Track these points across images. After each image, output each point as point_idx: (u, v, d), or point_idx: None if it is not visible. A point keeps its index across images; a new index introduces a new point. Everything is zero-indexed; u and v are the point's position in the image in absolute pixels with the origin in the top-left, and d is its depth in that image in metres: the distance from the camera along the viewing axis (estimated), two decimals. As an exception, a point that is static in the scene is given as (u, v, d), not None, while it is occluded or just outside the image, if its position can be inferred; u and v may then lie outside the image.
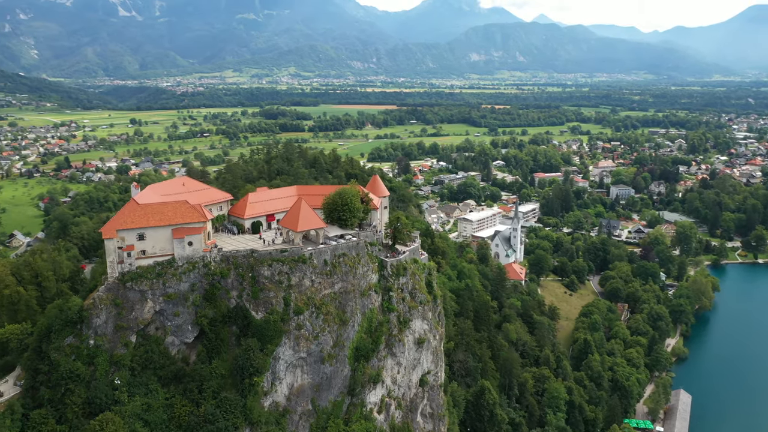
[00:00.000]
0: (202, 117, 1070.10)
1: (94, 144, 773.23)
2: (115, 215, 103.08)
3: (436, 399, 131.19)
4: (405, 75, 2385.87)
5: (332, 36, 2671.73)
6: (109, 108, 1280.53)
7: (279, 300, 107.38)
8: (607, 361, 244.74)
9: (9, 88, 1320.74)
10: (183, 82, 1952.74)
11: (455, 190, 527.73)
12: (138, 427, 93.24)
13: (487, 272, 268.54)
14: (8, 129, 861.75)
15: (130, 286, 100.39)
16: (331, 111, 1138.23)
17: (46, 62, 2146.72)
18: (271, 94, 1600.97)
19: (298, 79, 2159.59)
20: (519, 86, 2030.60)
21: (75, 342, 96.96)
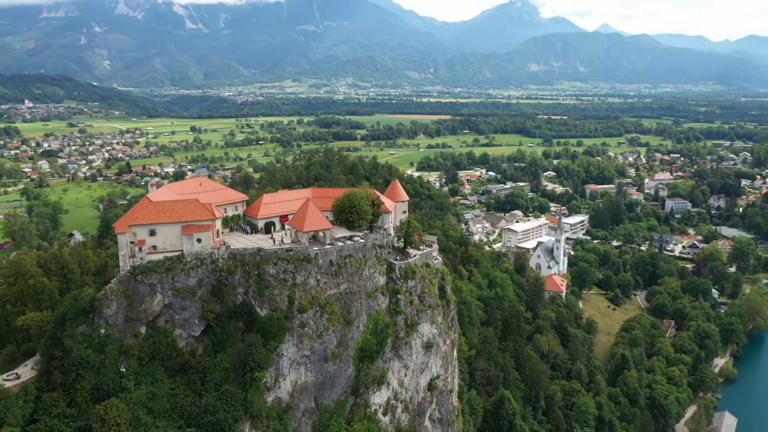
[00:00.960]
0: (259, 125, 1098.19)
1: (155, 150, 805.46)
2: (128, 211, 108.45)
3: (446, 404, 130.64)
4: (462, 85, 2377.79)
5: (390, 46, 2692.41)
6: (172, 116, 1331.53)
7: (283, 298, 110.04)
8: (645, 378, 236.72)
9: (82, 97, 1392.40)
10: (244, 91, 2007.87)
11: (502, 200, 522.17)
12: (141, 414, 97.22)
13: (522, 282, 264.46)
14: (78, 135, 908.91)
15: (141, 280, 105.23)
16: (385, 120, 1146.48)
17: (118, 72, 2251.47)
18: (327, 103, 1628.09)
19: (355, 89, 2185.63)
20: (578, 97, 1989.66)
21: (87, 330, 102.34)
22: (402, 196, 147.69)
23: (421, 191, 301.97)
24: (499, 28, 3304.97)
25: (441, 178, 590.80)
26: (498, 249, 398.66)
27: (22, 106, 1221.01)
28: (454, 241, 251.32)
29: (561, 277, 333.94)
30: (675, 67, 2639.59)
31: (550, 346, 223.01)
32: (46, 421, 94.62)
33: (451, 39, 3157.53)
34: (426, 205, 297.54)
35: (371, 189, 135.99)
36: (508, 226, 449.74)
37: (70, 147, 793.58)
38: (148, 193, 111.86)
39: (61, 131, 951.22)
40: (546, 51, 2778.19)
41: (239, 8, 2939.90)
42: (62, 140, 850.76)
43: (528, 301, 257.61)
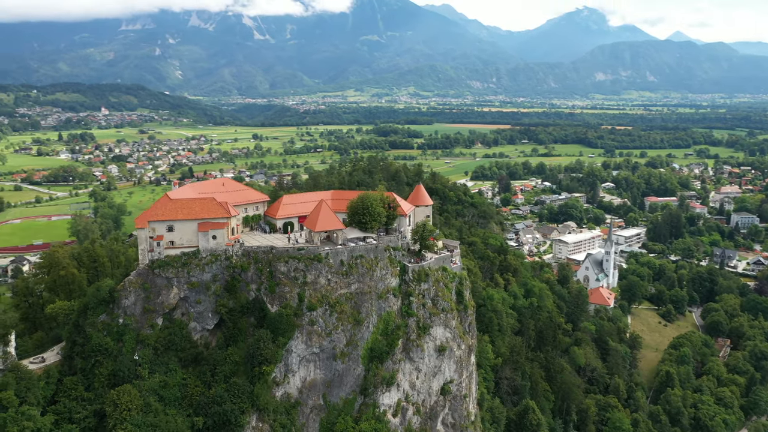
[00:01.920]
0: (318, 134, 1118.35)
1: (218, 156, 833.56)
2: (149, 208, 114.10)
3: (459, 410, 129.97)
4: (525, 95, 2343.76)
5: (452, 56, 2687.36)
6: (237, 124, 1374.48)
7: (293, 295, 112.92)
8: (690, 397, 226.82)
9: (153, 105, 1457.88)
10: (307, 100, 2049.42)
11: (555, 210, 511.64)
12: (152, 401, 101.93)
13: (564, 294, 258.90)
14: (147, 141, 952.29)
15: (158, 273, 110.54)
16: (444, 130, 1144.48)
17: (189, 82, 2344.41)
18: (388, 112, 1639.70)
19: (416, 98, 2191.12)
20: (647, 107, 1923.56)
21: (107, 320, 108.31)
22: (425, 200, 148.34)
23: (465, 199, 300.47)
24: (565, 36, 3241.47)
25: (494, 187, 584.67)
26: (548, 260, 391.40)
27: (99, 113, 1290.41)
28: (493, 250, 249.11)
29: (609, 290, 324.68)
30: (753, 76, 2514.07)
31: (588, 360, 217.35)
32: (65, 403, 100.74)
33: (515, 48, 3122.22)
34: (469, 213, 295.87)
35: (389, 192, 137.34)
36: (560, 237, 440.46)
37: (139, 152, 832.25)
38: (168, 191, 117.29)
39: (132, 137, 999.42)
40: (614, 60, 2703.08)
41: (305, 19, 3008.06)
42: (132, 146, 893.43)
43: (569, 312, 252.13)
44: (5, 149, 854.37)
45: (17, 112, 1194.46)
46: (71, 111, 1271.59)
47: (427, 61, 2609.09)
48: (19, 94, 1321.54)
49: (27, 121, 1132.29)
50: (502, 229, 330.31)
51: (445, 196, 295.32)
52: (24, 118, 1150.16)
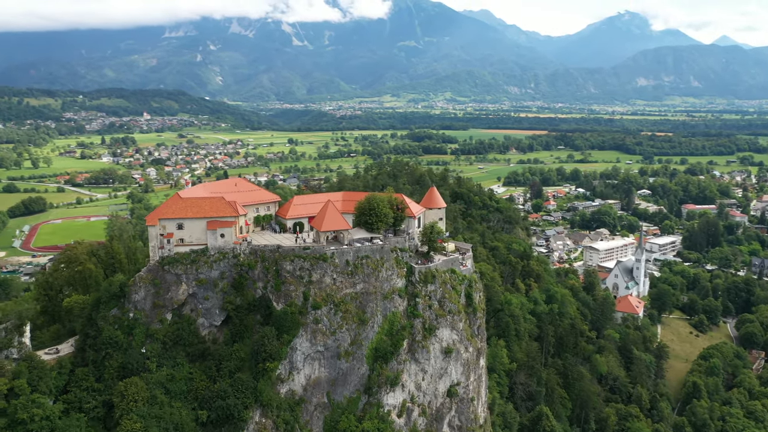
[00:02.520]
0: (353, 138, 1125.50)
1: (253, 160, 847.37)
2: (160, 206, 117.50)
3: (466, 412, 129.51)
4: (564, 101, 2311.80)
5: (490, 61, 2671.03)
6: (274, 129, 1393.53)
7: (298, 294, 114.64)
8: (718, 409, 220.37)
9: (193, 110, 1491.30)
10: (344, 106, 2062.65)
11: (588, 217, 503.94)
12: (158, 393, 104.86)
13: (588, 301, 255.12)
14: (186, 145, 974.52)
15: (168, 269, 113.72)
16: (479, 135, 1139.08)
17: (228, 88, 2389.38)
18: (424, 117, 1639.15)
19: (453, 104, 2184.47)
20: (689, 113, 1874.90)
21: (118, 314, 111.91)
22: (438, 203, 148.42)
23: (490, 204, 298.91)
24: (606, 41, 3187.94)
25: (525, 193, 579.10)
26: (578, 267, 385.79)
27: (141, 118, 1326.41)
28: (516, 255, 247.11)
29: (639, 298, 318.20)
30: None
31: (610, 368, 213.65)
32: (76, 393, 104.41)
33: (554, 53, 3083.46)
34: (494, 217, 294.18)
35: (398, 194, 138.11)
36: (591, 244, 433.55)
37: (177, 156, 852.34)
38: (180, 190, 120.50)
39: (172, 141, 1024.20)
40: (656, 65, 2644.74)
41: (343, 25, 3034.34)
42: (171, 150, 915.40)
43: (594, 320, 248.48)
44: (51, 152, 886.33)
45: (64, 116, 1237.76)
46: (115, 116, 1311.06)
47: (465, 67, 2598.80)
48: (66, 99, 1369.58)
49: (73, 125, 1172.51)
50: (528, 234, 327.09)
51: (470, 200, 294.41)
52: (70, 123, 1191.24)
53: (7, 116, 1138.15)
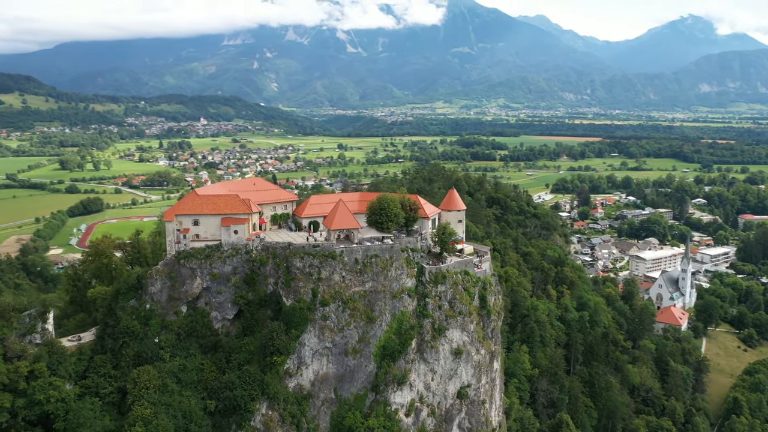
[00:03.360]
0: (402, 144, 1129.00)
1: (302, 165, 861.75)
2: (177, 202, 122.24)
3: (477, 415, 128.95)
4: (621, 107, 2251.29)
5: (545, 67, 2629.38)
6: (326, 134, 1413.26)
7: (307, 290, 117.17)
8: (760, 427, 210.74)
9: (248, 116, 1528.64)
10: (396, 112, 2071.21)
11: (637, 226, 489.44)
12: (169, 382, 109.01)
13: (625, 310, 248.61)
14: (238, 150, 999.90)
15: (183, 264, 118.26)
16: (530, 142, 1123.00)
17: (283, 94, 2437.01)
18: (475, 124, 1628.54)
19: (506, 110, 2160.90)
20: (756, 120, 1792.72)
21: (136, 305, 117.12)
22: (457, 205, 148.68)
23: (527, 210, 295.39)
24: (668, 46, 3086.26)
25: (572, 200, 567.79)
26: (623, 277, 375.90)
27: (198, 123, 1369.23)
28: (550, 261, 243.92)
29: (683, 310, 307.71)
30: None
31: (643, 379, 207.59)
32: (94, 378, 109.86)
33: (612, 59, 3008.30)
34: (531, 223, 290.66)
35: (413, 195, 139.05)
36: (637, 253, 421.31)
37: (229, 160, 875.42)
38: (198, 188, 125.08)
39: (225, 146, 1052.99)
40: (721, 70, 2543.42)
41: (397, 32, 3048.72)
42: (224, 154, 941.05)
43: (630, 330, 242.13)
44: (112, 155, 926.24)
45: (126, 121, 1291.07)
46: (173, 121, 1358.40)
47: (519, 73, 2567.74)
48: (129, 105, 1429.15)
49: (134, 130, 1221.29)
50: (566, 241, 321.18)
51: (506, 205, 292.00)
52: (131, 127, 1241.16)
53: (74, 121, 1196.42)
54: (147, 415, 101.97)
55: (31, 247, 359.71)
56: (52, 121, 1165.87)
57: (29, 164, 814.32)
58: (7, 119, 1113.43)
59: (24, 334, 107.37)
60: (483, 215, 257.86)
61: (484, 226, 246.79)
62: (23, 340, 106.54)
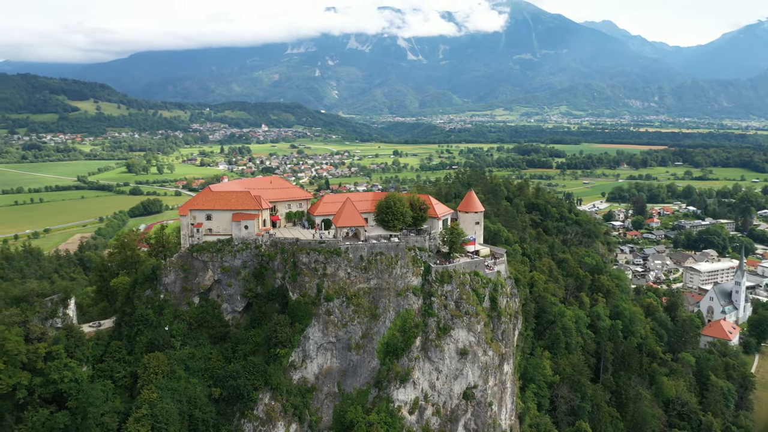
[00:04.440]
0: (458, 151, 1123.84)
1: (356, 171, 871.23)
2: (192, 198, 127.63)
3: (483, 417, 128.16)
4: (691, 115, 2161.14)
5: (610, 74, 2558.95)
6: (384, 141, 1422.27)
7: (312, 285, 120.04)
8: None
9: (308, 122, 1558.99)
10: (455, 119, 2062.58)
11: (694, 237, 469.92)
12: (177, 368, 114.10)
13: (665, 321, 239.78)
14: (296, 155, 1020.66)
15: (196, 256, 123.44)
16: (591, 150, 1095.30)
17: (344, 101, 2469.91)
18: (535, 131, 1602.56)
19: (568, 117, 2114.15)
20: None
21: (151, 294, 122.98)
22: (475, 207, 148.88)
23: (568, 216, 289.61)
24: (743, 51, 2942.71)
25: (627, 209, 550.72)
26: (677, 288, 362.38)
27: (259, 129, 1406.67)
28: (587, 269, 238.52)
29: (734, 324, 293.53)
30: None
31: (679, 392, 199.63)
32: (109, 363, 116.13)
33: (683, 65, 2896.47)
34: (572, 230, 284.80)
35: (424, 195, 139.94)
36: (692, 265, 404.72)
37: (285, 165, 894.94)
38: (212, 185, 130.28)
39: (283, 151, 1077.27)
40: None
41: (458, 39, 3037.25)
42: (281, 159, 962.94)
43: (672, 342, 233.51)
44: (175, 159, 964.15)
45: (191, 127, 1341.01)
46: (236, 127, 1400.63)
47: (583, 80, 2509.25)
48: (194, 111, 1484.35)
49: (198, 136, 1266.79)
50: (609, 249, 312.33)
51: (546, 212, 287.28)
52: (196, 133, 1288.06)
53: (143, 127, 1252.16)
54: (153, 399, 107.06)
55: (91, 244, 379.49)
56: (123, 127, 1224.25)
57: (99, 167, 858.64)
58: (82, 125, 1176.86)
59: (46, 318, 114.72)
60: (519, 221, 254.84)
61: (519, 232, 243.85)
62: (45, 323, 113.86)
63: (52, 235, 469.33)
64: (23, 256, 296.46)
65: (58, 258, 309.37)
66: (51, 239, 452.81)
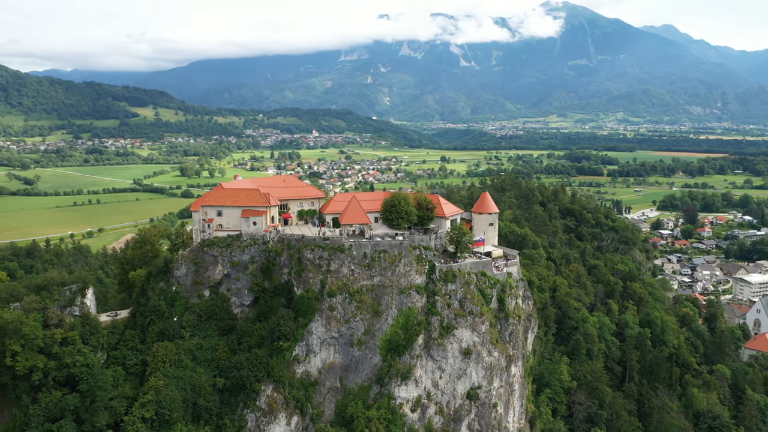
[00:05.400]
0: (507, 158, 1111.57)
1: (402, 176, 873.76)
2: (204, 194, 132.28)
3: (487, 417, 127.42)
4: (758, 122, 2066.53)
5: (670, 80, 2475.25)
6: (434, 147, 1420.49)
7: (316, 281, 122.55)
8: None
9: (358, 129, 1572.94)
10: (507, 126, 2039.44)
11: (748, 247, 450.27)
12: (184, 358, 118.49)
13: (702, 331, 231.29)
14: (343, 161, 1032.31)
15: (207, 251, 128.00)
16: (646, 157, 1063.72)
17: (395, 108, 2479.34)
18: (588, 138, 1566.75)
19: (624, 124, 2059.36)
20: None
21: (164, 287, 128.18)
22: (489, 208, 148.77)
23: (605, 222, 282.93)
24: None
25: (677, 218, 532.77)
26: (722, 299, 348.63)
27: (310, 135, 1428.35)
28: (620, 276, 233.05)
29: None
30: None
31: (710, 405, 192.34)
32: (123, 351, 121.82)
33: (749, 70, 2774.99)
34: (608, 237, 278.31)
35: (433, 195, 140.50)
36: (743, 276, 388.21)
37: (333, 170, 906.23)
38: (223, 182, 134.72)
39: (332, 157, 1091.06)
40: None
41: (511, 45, 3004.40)
42: (329, 164, 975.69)
43: (708, 353, 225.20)
44: (227, 164, 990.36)
45: (244, 133, 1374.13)
46: (288, 133, 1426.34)
47: (641, 85, 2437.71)
48: (248, 117, 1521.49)
49: (250, 141, 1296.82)
50: (647, 257, 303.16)
51: (582, 217, 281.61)
52: (248, 138, 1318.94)
53: (198, 132, 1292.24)
54: (159, 386, 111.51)
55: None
56: (179, 132, 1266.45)
57: (155, 171, 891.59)
58: (142, 130, 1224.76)
59: (64, 306, 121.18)
60: (550, 226, 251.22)
61: (549, 237, 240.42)
62: (63, 311, 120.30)
63: (105, 235, 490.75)
64: (72, 253, 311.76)
65: (105, 255, 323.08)
66: (103, 238, 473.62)
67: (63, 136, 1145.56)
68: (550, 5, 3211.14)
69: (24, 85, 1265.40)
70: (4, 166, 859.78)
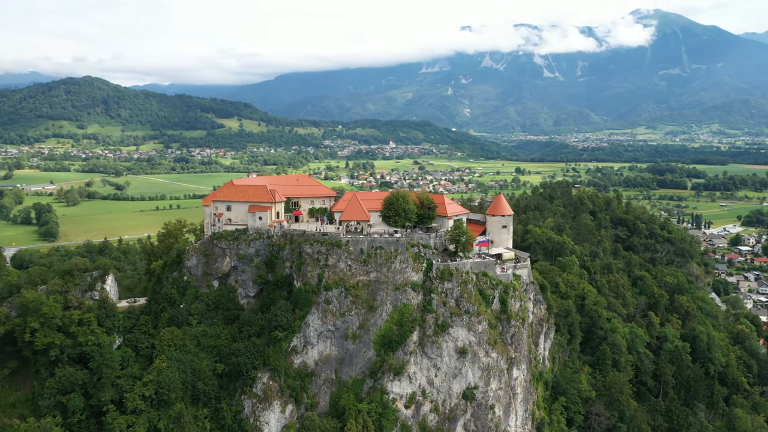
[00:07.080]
0: (585, 170, 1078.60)
1: (473, 187, 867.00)
2: (215, 190, 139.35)
3: (483, 418, 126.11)
4: None
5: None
6: (512, 159, 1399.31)
7: (314, 275, 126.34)
8: None
9: (435, 140, 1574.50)
10: (591, 137, 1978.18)
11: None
12: (188, 343, 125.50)
13: (757, 350, 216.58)
14: (416, 171, 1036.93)
15: (216, 244, 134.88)
16: (738, 171, 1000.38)
17: (475, 119, 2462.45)
18: (678, 151, 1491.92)
19: (719, 136, 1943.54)
20: None
21: (177, 276, 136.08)
22: (503, 210, 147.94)
23: (660, 234, 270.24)
24: None
25: (760, 234, 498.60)
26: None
27: (386, 146, 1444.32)
28: (667, 288, 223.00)
29: None
30: None
31: (756, 429, 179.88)
32: (136, 334, 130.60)
33: None
34: (662, 249, 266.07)
35: (437, 195, 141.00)
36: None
37: (404, 180, 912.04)
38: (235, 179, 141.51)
39: (406, 167, 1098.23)
40: None
41: (598, 55, 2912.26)
42: (401, 174, 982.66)
43: (763, 373, 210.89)
44: (302, 173, 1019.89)
45: (323, 143, 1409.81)
46: (365, 144, 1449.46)
47: (739, 96, 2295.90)
48: (327, 128, 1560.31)
49: (328, 151, 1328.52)
50: (707, 272, 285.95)
51: (635, 228, 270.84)
52: (326, 149, 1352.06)
53: (279, 143, 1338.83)
54: (162, 368, 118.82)
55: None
56: (261, 143, 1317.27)
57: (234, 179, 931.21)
58: (226, 140, 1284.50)
59: (85, 291, 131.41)
60: (594, 235, 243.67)
61: (591, 246, 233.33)
62: (84, 295, 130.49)
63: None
64: (138, 251, 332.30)
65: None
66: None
67: (155, 145, 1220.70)
68: (640, 13, 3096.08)
69: (123, 98, 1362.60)
70: (101, 173, 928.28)
